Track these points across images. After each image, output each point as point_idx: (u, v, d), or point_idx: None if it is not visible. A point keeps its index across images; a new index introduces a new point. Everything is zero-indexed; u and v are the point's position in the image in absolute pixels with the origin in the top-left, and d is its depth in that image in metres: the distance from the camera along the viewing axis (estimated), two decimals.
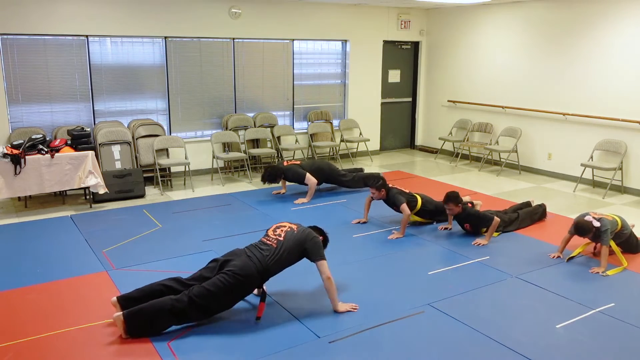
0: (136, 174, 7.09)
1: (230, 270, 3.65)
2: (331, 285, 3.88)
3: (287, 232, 3.92)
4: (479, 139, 9.51)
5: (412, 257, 5.10)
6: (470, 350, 3.52)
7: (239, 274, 3.65)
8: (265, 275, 3.78)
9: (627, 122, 7.29)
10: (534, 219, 6.05)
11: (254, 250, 3.81)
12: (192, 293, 3.62)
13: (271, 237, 3.91)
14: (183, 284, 3.75)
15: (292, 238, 3.88)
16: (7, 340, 3.57)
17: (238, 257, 3.74)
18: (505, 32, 8.91)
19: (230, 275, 3.64)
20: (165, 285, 3.75)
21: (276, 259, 3.78)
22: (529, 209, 6.10)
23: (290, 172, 6.84)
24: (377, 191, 5.73)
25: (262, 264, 3.73)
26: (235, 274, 3.64)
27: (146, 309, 3.58)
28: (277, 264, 3.80)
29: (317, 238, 3.96)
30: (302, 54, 9.23)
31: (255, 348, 3.50)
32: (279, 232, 3.93)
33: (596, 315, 3.98)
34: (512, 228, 5.80)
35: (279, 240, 3.86)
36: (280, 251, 3.80)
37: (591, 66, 7.70)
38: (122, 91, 7.75)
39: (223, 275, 3.65)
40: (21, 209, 6.56)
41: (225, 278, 3.63)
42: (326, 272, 3.84)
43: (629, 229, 5.03)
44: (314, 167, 6.99)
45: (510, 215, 5.86)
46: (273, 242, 3.86)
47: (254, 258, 3.73)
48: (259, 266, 3.72)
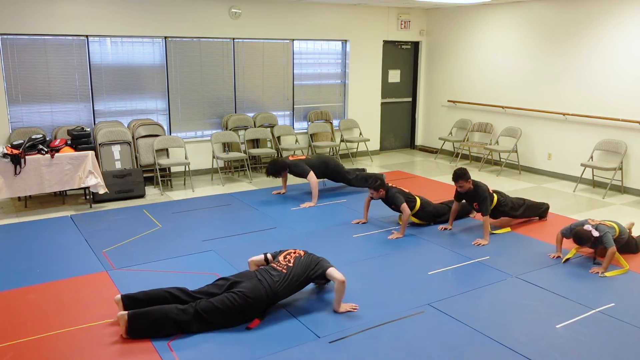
0: (136, 174, 7.09)
1: (241, 292, 3.72)
2: (344, 288, 3.95)
3: (295, 258, 4.04)
4: (479, 139, 9.51)
5: (412, 257, 5.10)
6: (470, 350, 3.52)
7: (249, 296, 3.71)
8: (273, 299, 3.85)
9: (627, 122, 7.29)
10: (537, 212, 6.12)
11: (264, 274, 3.87)
12: (199, 306, 3.66)
13: (281, 264, 3.99)
14: (189, 295, 3.79)
15: (300, 264, 3.99)
16: (7, 340, 3.57)
17: (249, 280, 3.81)
18: (505, 32, 8.91)
19: (240, 296, 3.70)
20: (171, 293, 3.78)
21: (285, 285, 3.86)
22: (533, 201, 6.15)
23: (294, 167, 6.85)
24: (375, 191, 5.73)
25: (272, 288, 3.80)
26: (245, 295, 3.71)
27: (151, 313, 3.60)
28: (286, 289, 3.88)
29: (322, 258, 4.09)
30: (302, 54, 9.23)
31: (255, 348, 3.50)
32: (288, 259, 4.04)
33: (596, 315, 3.98)
34: (518, 213, 5.85)
35: (289, 266, 3.96)
36: (289, 277, 3.89)
37: (591, 66, 7.70)
38: (122, 91, 7.75)
39: (232, 294, 3.71)
40: (21, 209, 6.56)
41: (234, 298, 3.69)
42: (341, 276, 3.92)
43: (626, 233, 5.03)
44: (319, 161, 7.01)
45: (518, 200, 5.92)
46: (283, 268, 3.94)
47: (265, 282, 3.80)
48: (268, 290, 3.78)
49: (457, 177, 5.49)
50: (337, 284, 3.92)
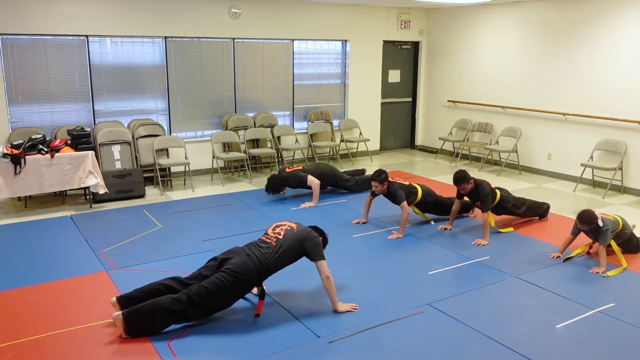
0: (136, 174, 7.09)
1: (229, 269, 3.65)
2: (330, 285, 3.88)
3: (286, 231, 3.92)
4: (479, 139, 9.51)
5: (412, 257, 5.10)
6: (470, 350, 3.52)
7: (238, 272, 3.64)
8: (264, 273, 3.78)
9: (627, 122, 7.29)
10: (537, 211, 6.12)
11: (253, 248, 3.81)
12: (191, 292, 3.62)
13: (270, 236, 3.91)
14: (183, 284, 3.75)
15: (291, 237, 3.87)
16: (7, 340, 3.57)
17: (237, 255, 3.74)
18: (505, 32, 8.91)
19: (229, 274, 3.63)
20: (165, 284, 3.75)
21: (275, 257, 3.77)
22: (534, 201, 6.15)
23: (293, 179, 6.82)
24: (379, 184, 5.69)
25: (261, 262, 3.73)
26: (234, 272, 3.64)
27: (145, 308, 3.58)
28: (276, 262, 3.79)
29: (317, 237, 3.96)
30: (302, 54, 9.23)
31: (255, 348, 3.50)
32: (278, 231, 3.93)
33: (596, 315, 3.98)
34: (520, 211, 5.87)
35: (279, 238, 3.86)
36: (279, 249, 3.79)
37: (591, 66, 7.70)
38: (122, 91, 7.75)
39: (222, 273, 3.65)
40: (21, 209, 6.56)
41: (223, 276, 3.63)
42: (325, 271, 3.84)
43: (629, 229, 5.03)
44: (317, 172, 6.96)
45: (520, 199, 5.93)
46: (272, 241, 3.85)
47: (253, 256, 3.73)
48: (257, 264, 3.71)
49: (457, 180, 5.49)
50: (322, 279, 3.86)
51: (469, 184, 5.48)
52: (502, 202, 5.72)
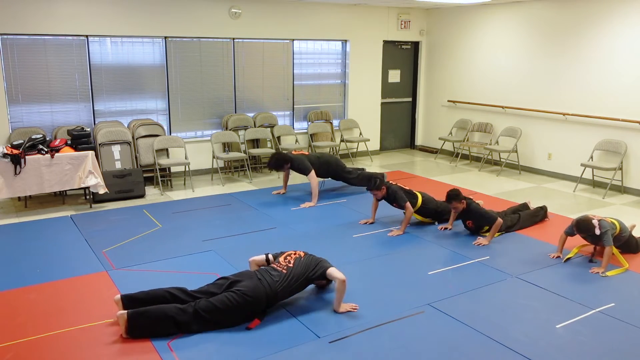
0: (136, 174, 7.09)
1: (240, 291, 3.72)
2: (345, 288, 3.95)
3: (295, 259, 4.04)
4: (479, 139, 9.51)
5: (412, 257, 5.10)
6: (470, 350, 3.52)
7: (249, 295, 3.71)
8: (272, 300, 3.85)
9: (627, 122, 7.29)
10: (535, 220, 6.05)
11: (264, 274, 3.88)
12: (199, 306, 3.66)
13: (282, 264, 4.00)
14: (189, 295, 3.79)
15: (300, 265, 3.99)
16: (7, 340, 3.57)
17: (249, 279, 3.81)
18: (505, 32, 8.91)
19: (240, 295, 3.70)
20: (171, 293, 3.78)
21: (285, 285, 3.86)
22: (529, 211, 6.08)
23: (297, 162, 6.82)
24: (377, 191, 5.74)
25: (272, 288, 3.80)
26: (245, 294, 3.70)
27: (151, 312, 3.61)
28: (286, 289, 3.88)
29: (322, 259, 4.10)
30: (302, 54, 9.23)
31: (255, 348, 3.50)
32: (289, 260, 4.04)
33: (596, 315, 3.98)
34: (513, 229, 5.79)
35: (289, 267, 3.96)
36: (289, 277, 3.89)
37: (591, 66, 7.70)
38: (122, 91, 7.75)
39: (232, 294, 3.71)
40: (21, 209, 6.56)
41: (233, 297, 3.69)
42: (341, 275, 3.93)
43: (627, 231, 5.03)
44: (321, 161, 6.98)
45: (511, 217, 5.85)
46: (283, 269, 3.95)
47: (265, 282, 3.80)
48: (268, 290, 3.78)
49: (450, 198, 5.48)
50: (338, 283, 3.92)
51: (461, 204, 5.48)
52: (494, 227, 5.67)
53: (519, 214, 5.93)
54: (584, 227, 4.78)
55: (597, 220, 4.79)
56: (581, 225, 4.79)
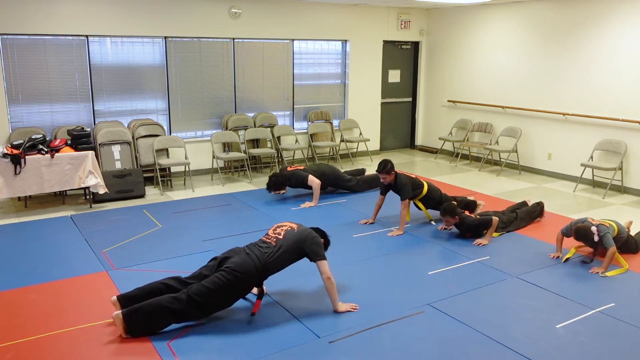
0: (136, 174, 7.09)
1: (229, 267, 3.65)
2: (331, 285, 3.88)
3: (287, 231, 3.92)
4: (479, 139, 9.51)
5: (412, 257, 5.10)
6: (470, 350, 3.52)
7: (238, 271, 3.64)
8: (263, 273, 3.78)
9: (627, 122, 7.29)
10: (532, 217, 6.07)
11: (253, 248, 3.81)
12: (191, 291, 3.62)
13: (271, 236, 3.91)
14: (183, 283, 3.75)
15: (291, 237, 3.87)
16: (7, 340, 3.57)
17: (237, 255, 3.74)
18: (505, 32, 8.91)
19: (229, 273, 3.64)
20: (165, 283, 3.75)
21: (275, 258, 3.77)
22: (527, 208, 6.11)
23: (294, 178, 6.82)
24: (387, 175, 5.66)
25: (261, 261, 3.73)
26: (234, 270, 3.64)
27: (145, 307, 3.58)
28: (276, 262, 3.79)
29: (318, 238, 3.96)
30: (302, 54, 9.23)
31: (255, 348, 3.50)
32: (279, 231, 3.93)
33: (596, 315, 3.98)
34: (511, 228, 5.80)
35: (279, 238, 3.86)
36: (279, 250, 3.80)
37: (591, 66, 7.70)
38: (122, 91, 7.75)
39: (222, 272, 3.65)
40: (21, 209, 6.56)
41: (223, 275, 3.63)
42: (326, 272, 3.84)
43: (625, 232, 5.03)
44: (319, 172, 6.95)
45: (508, 216, 5.86)
46: (272, 241, 3.86)
47: (253, 256, 3.73)
48: (257, 264, 3.71)
49: (444, 211, 5.47)
50: (323, 279, 3.86)
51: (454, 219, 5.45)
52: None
53: (516, 213, 5.95)
54: (582, 235, 4.81)
55: (595, 227, 4.80)
56: (580, 233, 4.81)
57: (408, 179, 5.73)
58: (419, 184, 5.82)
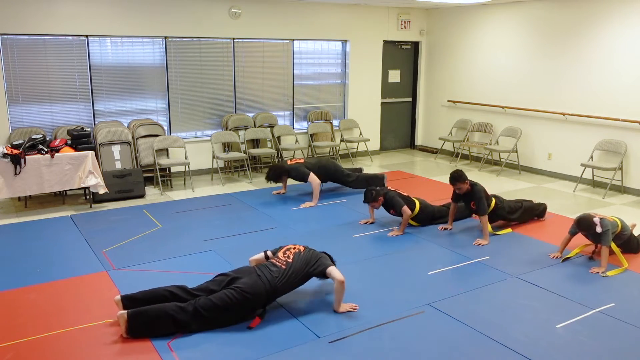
0: (136, 174, 7.09)
1: (239, 288, 3.70)
2: (344, 288, 3.94)
3: (295, 254, 4.01)
4: (479, 139, 9.51)
5: (412, 257, 5.10)
6: (470, 350, 3.52)
7: (248, 292, 3.70)
8: (272, 295, 3.84)
9: (627, 122, 7.29)
10: (533, 214, 6.11)
11: (264, 270, 3.86)
12: (198, 304, 3.65)
13: (281, 259, 3.98)
14: (188, 293, 3.78)
15: (299, 260, 3.96)
16: (7, 340, 3.57)
17: (248, 276, 3.79)
18: (505, 32, 8.91)
19: (239, 292, 3.68)
20: (170, 291, 3.77)
21: (285, 281, 3.84)
22: (531, 203, 6.14)
23: (295, 171, 6.82)
24: (375, 202, 5.73)
25: (271, 284, 3.79)
26: (244, 291, 3.69)
27: (150, 311, 3.60)
28: (286, 285, 3.87)
29: (321, 254, 4.07)
30: (302, 54, 9.23)
31: (255, 348, 3.50)
32: (288, 254, 4.02)
33: (596, 315, 3.98)
34: (514, 216, 5.85)
35: (288, 262, 3.94)
36: (288, 273, 3.87)
37: (591, 66, 7.70)
38: (122, 91, 7.75)
39: (231, 291, 3.70)
40: (21, 209, 6.56)
41: (233, 294, 3.68)
42: (340, 276, 3.91)
43: (628, 230, 5.03)
44: (319, 166, 6.96)
45: (514, 204, 5.92)
46: (282, 264, 3.93)
47: (264, 278, 3.79)
48: (267, 286, 3.77)
49: (453, 179, 5.50)
50: (337, 284, 3.91)
51: (465, 184, 5.49)
52: (496, 210, 5.70)
53: (522, 203, 6.00)
54: (585, 224, 4.79)
55: (598, 218, 4.79)
56: (582, 222, 4.80)
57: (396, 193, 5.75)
58: (410, 201, 5.81)
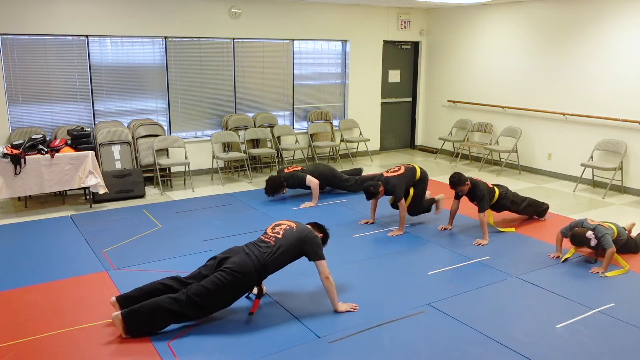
0: (136, 174, 7.09)
1: (228, 268, 3.65)
2: (330, 285, 3.88)
3: (285, 230, 3.91)
4: (479, 139, 9.51)
5: (412, 257, 5.10)
6: (470, 350, 3.52)
7: (237, 271, 3.64)
8: (263, 273, 3.77)
9: (627, 122, 7.29)
10: (537, 210, 6.14)
11: (252, 247, 3.81)
12: (190, 291, 3.62)
13: (269, 235, 3.90)
14: (182, 283, 3.75)
15: (290, 236, 3.86)
16: (7, 340, 3.57)
17: (236, 255, 3.74)
18: (505, 32, 8.91)
19: (228, 273, 3.63)
20: (164, 284, 3.75)
21: (274, 257, 3.77)
22: (535, 200, 6.17)
23: (292, 179, 6.81)
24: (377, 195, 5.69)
25: (260, 261, 3.73)
26: (233, 271, 3.64)
27: (144, 307, 3.58)
28: (275, 261, 3.79)
29: (317, 237, 3.95)
30: (302, 54, 9.23)
31: (255, 348, 3.50)
32: (277, 230, 3.92)
33: (596, 315, 3.98)
34: (518, 208, 5.91)
35: (277, 237, 3.85)
36: (278, 249, 3.79)
37: (591, 66, 7.70)
38: (122, 91, 7.75)
39: (221, 272, 3.65)
40: (21, 209, 6.56)
41: (223, 275, 3.63)
42: (325, 271, 3.84)
43: (624, 235, 5.04)
44: (316, 173, 6.94)
45: (519, 197, 5.96)
46: (271, 240, 3.85)
47: (252, 255, 3.73)
48: (257, 263, 3.71)
49: (453, 184, 5.51)
50: (321, 278, 3.85)
51: (466, 186, 5.50)
52: (500, 200, 5.73)
53: (526, 197, 6.05)
54: (578, 241, 4.83)
55: (591, 232, 4.81)
56: (576, 239, 4.84)
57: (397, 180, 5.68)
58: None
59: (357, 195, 7.18)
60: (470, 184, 5.52)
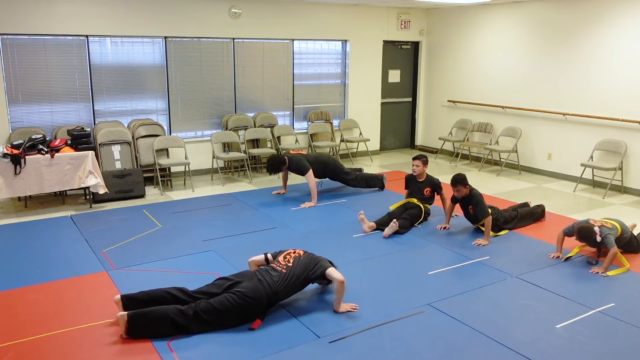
0: (136, 174, 7.09)
1: (240, 292, 3.71)
2: (344, 289, 3.95)
3: (295, 259, 4.03)
4: (479, 139, 9.51)
5: (412, 257, 5.10)
6: (470, 350, 3.52)
7: (249, 296, 3.70)
8: (273, 300, 3.85)
9: (627, 122, 7.29)
10: (534, 218, 6.08)
11: (264, 274, 3.87)
12: (199, 307, 3.66)
13: (281, 264, 3.99)
14: (189, 296, 3.78)
15: (299, 264, 3.98)
16: (7, 340, 3.57)
17: (249, 280, 3.80)
18: (505, 32, 8.91)
19: (240, 296, 3.69)
20: (171, 293, 3.77)
21: (285, 285, 3.85)
22: (527, 208, 6.11)
23: (294, 162, 6.76)
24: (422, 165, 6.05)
25: (272, 288, 3.79)
26: (245, 295, 3.70)
27: (151, 313, 3.60)
28: (286, 289, 3.88)
29: (320, 257, 4.09)
30: (302, 54, 9.23)
31: (255, 348, 3.50)
32: (288, 259, 4.03)
33: (596, 315, 3.98)
34: (510, 226, 5.80)
35: (289, 266, 3.95)
36: (289, 277, 3.88)
37: (591, 66, 7.70)
38: (122, 91, 7.75)
39: (232, 295, 3.70)
40: (21, 209, 6.56)
41: (233, 298, 3.68)
42: (340, 276, 3.92)
43: (628, 232, 5.04)
44: (319, 161, 6.95)
45: (510, 213, 5.88)
46: (283, 268, 3.93)
47: (264, 282, 3.79)
48: (268, 291, 3.78)
49: (456, 182, 5.51)
50: (337, 284, 3.92)
51: (466, 188, 5.51)
52: (496, 221, 5.67)
53: (517, 211, 5.95)
54: (585, 234, 4.82)
55: (597, 227, 4.81)
56: (583, 233, 4.82)
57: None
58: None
59: (357, 194, 7.18)
60: (469, 189, 5.52)
